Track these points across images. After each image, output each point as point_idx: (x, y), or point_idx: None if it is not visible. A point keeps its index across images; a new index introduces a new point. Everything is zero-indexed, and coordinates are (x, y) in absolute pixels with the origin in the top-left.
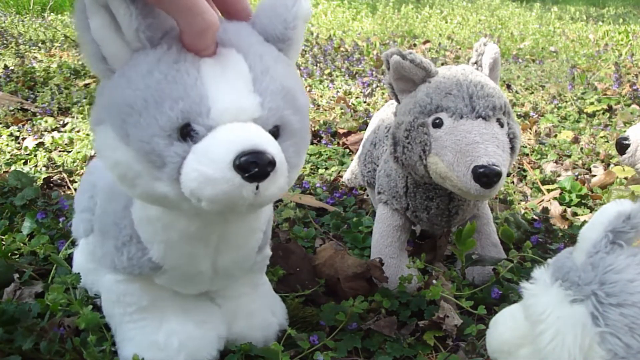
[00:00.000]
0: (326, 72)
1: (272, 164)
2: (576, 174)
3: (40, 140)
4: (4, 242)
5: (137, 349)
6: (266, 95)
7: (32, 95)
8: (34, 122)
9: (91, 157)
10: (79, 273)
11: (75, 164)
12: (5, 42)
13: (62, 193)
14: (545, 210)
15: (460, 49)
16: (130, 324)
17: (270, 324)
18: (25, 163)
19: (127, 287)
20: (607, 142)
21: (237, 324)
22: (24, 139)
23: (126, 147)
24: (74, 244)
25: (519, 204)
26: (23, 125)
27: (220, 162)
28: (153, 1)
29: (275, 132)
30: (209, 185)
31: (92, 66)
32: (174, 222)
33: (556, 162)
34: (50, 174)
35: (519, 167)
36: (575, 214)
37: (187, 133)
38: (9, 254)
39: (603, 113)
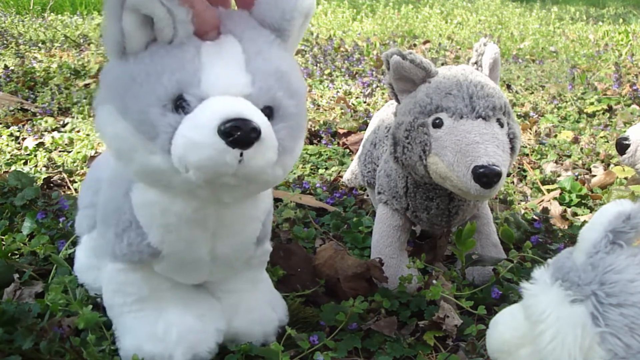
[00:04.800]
0: (326, 72)
1: (255, 130)
2: (576, 174)
3: (40, 140)
4: (4, 242)
5: (136, 339)
6: (257, 74)
7: (32, 95)
8: (34, 122)
9: (91, 157)
10: (76, 276)
11: (75, 164)
12: (5, 42)
13: (62, 193)
14: (545, 210)
15: (460, 49)
16: (130, 314)
17: (270, 320)
18: (25, 163)
19: (128, 277)
20: (607, 142)
21: (236, 319)
22: (24, 139)
23: (124, 120)
24: (74, 244)
25: (519, 204)
26: (23, 125)
27: (205, 127)
28: None
29: (269, 114)
30: (194, 150)
31: (109, 49)
32: (171, 205)
33: (556, 162)
34: (50, 174)
35: (519, 167)
36: (575, 214)
37: (180, 105)
38: (9, 254)
39: (603, 113)
